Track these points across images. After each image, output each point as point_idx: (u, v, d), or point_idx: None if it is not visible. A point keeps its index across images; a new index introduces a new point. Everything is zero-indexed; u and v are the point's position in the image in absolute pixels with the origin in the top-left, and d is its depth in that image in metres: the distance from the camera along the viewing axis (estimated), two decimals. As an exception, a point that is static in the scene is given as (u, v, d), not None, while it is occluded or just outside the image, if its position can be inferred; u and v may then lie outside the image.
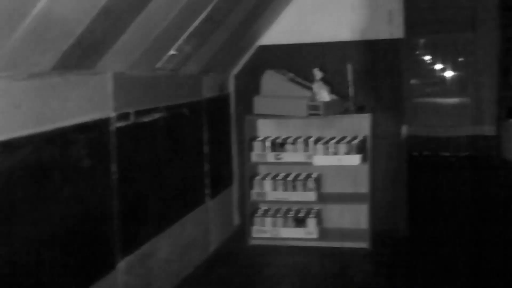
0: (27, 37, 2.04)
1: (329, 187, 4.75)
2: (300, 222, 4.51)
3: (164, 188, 3.55)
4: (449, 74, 8.47)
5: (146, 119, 3.30)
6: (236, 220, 4.98)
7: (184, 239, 3.83)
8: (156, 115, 3.42)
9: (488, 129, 8.03)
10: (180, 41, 3.26)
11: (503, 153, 7.74)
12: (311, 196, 4.49)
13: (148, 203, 3.35)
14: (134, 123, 3.16)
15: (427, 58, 8.52)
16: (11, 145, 2.21)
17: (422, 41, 8.31)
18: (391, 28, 4.58)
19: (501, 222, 4.92)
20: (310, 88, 4.39)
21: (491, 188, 6.16)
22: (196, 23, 3.26)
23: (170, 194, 3.64)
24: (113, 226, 2.95)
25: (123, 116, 3.04)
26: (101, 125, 2.83)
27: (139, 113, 3.21)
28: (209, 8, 3.25)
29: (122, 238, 3.02)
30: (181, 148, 3.84)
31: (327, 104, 4.32)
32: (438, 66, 8.50)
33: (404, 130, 4.69)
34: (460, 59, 8.40)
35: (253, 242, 4.53)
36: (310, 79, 4.45)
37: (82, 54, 2.46)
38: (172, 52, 3.28)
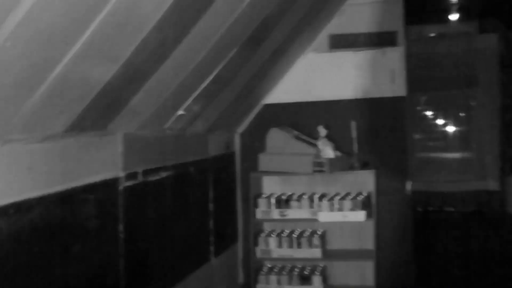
0: (44, 101, 2.09)
1: (335, 244, 4.72)
2: (305, 279, 4.46)
3: (169, 247, 3.53)
4: (451, 129, 8.56)
5: (153, 178, 3.33)
6: (241, 278, 4.92)
7: (189, 298, 3.78)
8: (163, 174, 3.45)
9: (492, 184, 8.04)
10: (188, 101, 3.34)
11: (508, 207, 7.71)
12: (316, 253, 4.46)
13: (154, 262, 3.33)
14: (142, 182, 3.19)
15: (429, 113, 8.62)
16: (22, 207, 2.23)
17: (423, 98, 8.44)
18: (394, 86, 4.68)
19: (509, 278, 4.86)
20: (314, 145, 4.44)
21: (496, 244, 6.10)
22: (205, 83, 3.34)
23: (176, 253, 3.63)
24: (119, 286, 2.93)
25: (132, 176, 3.07)
26: (110, 185, 2.86)
27: (147, 172, 3.24)
28: (218, 69, 3.34)
29: (127, 298, 2.99)
30: (187, 206, 3.85)
31: (331, 161, 4.36)
32: (440, 122, 8.59)
33: (409, 186, 4.71)
34: (461, 114, 8.50)
35: (258, 300, 4.47)
36: (315, 136, 4.51)
37: (95, 116, 2.52)
38: (180, 112, 3.35)
